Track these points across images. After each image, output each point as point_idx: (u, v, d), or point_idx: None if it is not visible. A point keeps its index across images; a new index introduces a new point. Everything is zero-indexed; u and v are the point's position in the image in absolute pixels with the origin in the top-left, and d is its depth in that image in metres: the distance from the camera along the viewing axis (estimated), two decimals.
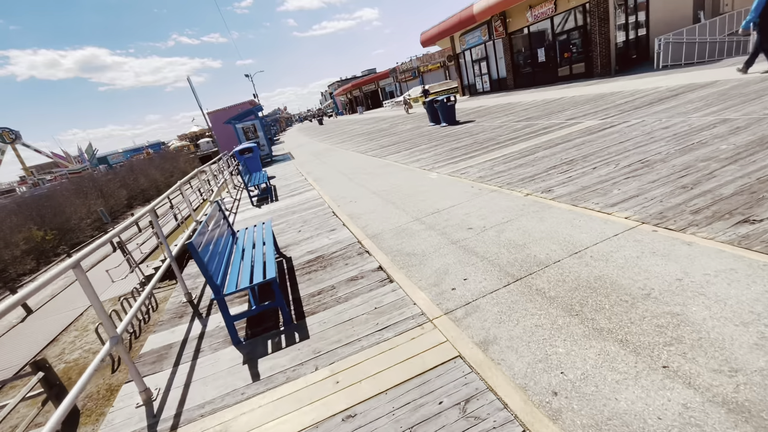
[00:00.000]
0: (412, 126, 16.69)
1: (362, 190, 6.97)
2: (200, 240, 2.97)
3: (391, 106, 43.65)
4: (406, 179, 6.95)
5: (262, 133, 17.31)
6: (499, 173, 5.77)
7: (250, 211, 7.73)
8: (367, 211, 5.60)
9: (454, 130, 11.95)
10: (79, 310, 12.64)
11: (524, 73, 21.15)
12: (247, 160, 11.74)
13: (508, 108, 13.94)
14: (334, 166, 10.82)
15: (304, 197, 7.70)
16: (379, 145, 13.15)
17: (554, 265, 2.87)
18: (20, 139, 72.39)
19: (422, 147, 10.17)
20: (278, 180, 11.06)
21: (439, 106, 13.37)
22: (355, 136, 19.33)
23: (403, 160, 9.01)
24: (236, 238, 4.57)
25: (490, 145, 8.15)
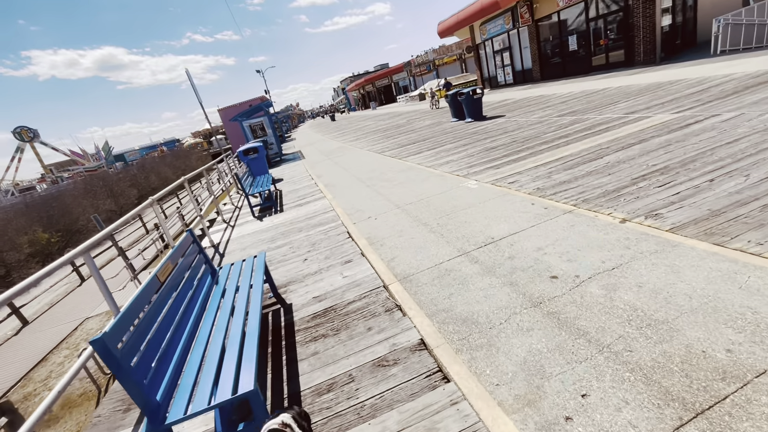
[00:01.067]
0: (431, 122, 15.32)
1: (382, 202, 5.71)
2: (123, 330, 1.75)
3: (406, 101, 42.18)
4: (436, 188, 5.66)
5: (270, 130, 16.19)
6: (563, 184, 4.43)
7: (249, 225, 6.55)
8: (391, 233, 4.34)
9: (482, 126, 10.57)
10: (76, 322, 11.78)
11: (552, 63, 19.50)
12: (252, 161, 10.61)
13: (540, 101, 12.45)
14: (348, 169, 9.58)
15: (313, 208, 6.49)
16: (397, 143, 11.85)
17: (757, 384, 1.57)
18: (38, 137, 73.40)
19: (449, 147, 8.84)
20: (286, 184, 9.88)
21: (464, 99, 11.99)
22: (370, 133, 18.06)
23: (428, 162, 7.71)
24: (217, 277, 3.37)
25: (534, 144, 6.78)
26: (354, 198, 6.44)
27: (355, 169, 9.18)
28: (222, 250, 5.54)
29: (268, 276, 3.50)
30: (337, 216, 5.64)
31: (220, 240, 6.04)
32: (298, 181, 9.83)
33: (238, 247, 5.41)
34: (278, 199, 8.02)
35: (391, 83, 55.72)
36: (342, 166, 10.20)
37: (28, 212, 22.16)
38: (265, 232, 5.80)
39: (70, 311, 12.91)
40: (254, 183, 8.67)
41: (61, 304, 13.75)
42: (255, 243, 5.41)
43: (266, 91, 49.56)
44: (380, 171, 8.11)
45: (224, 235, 6.27)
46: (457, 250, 3.45)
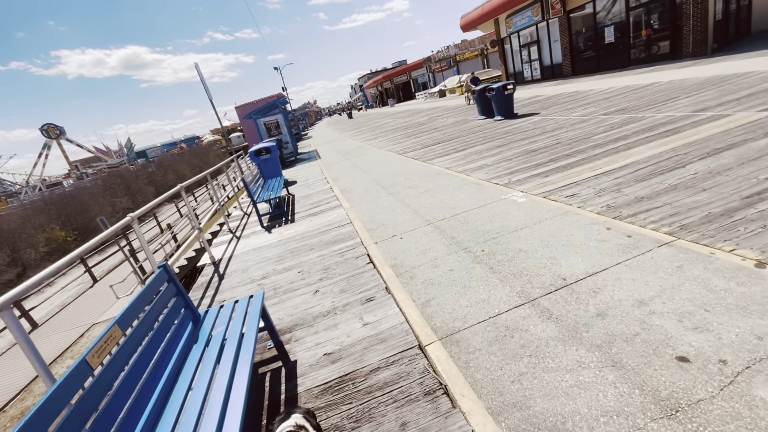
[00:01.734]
0: (456, 119, 14.35)
1: (408, 215, 4.86)
2: None
3: (425, 97, 41.11)
4: (473, 200, 4.77)
5: (286, 128, 15.52)
6: (641, 202, 3.49)
7: (256, 237, 5.81)
8: (422, 260, 3.49)
9: (515, 124, 9.57)
10: (82, 328, 11.39)
11: (585, 57, 18.19)
12: (264, 162, 9.91)
13: (577, 97, 11.34)
14: (367, 171, 8.76)
15: (328, 219, 5.69)
16: (419, 143, 10.96)
17: None
18: (64, 134, 75.40)
19: (480, 148, 7.90)
20: (299, 187, 9.14)
21: (494, 95, 10.99)
22: (389, 131, 17.20)
23: (458, 166, 6.81)
24: (200, 326, 2.60)
25: (585, 148, 5.80)
26: (374, 208, 5.61)
27: (374, 172, 8.34)
28: (222, 269, 4.80)
29: (266, 320, 2.72)
30: (355, 231, 4.82)
31: (222, 256, 5.31)
32: (312, 184, 9.07)
33: (240, 267, 4.66)
34: (290, 206, 7.27)
35: (409, 80, 54.64)
36: (360, 168, 9.38)
37: (47, 209, 22.24)
38: (273, 248, 5.03)
39: (79, 315, 12.57)
40: (265, 186, 7.96)
41: (72, 306, 13.45)
42: (259, 263, 4.65)
43: (284, 88, 49.32)
44: (403, 175, 7.25)
45: (227, 250, 5.54)
46: (518, 295, 2.57)
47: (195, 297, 4.14)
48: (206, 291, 4.23)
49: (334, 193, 7.36)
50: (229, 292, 4.02)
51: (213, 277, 4.62)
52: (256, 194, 6.65)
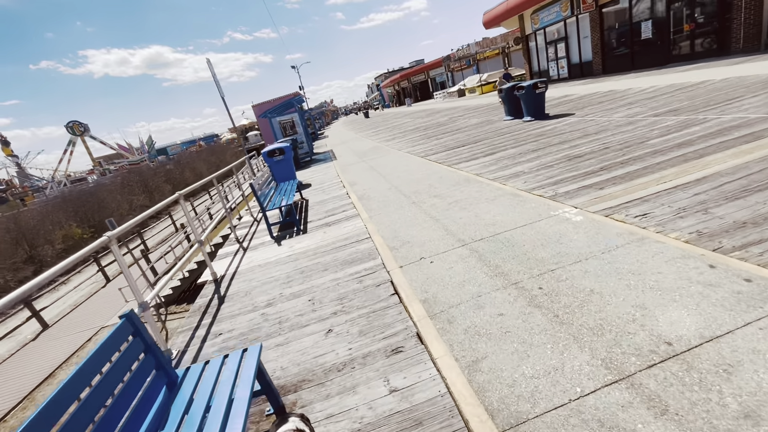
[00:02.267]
0: (479, 120, 13.54)
1: (437, 232, 4.17)
2: None
3: (443, 97, 40.21)
4: (515, 215, 4.05)
5: (301, 128, 15.01)
6: (745, 228, 2.72)
7: (264, 250, 5.22)
8: (462, 297, 2.81)
9: (548, 126, 8.75)
10: (90, 331, 11.09)
11: (618, 54, 17.10)
12: (277, 164, 9.37)
13: (614, 97, 10.42)
14: (386, 176, 8.09)
15: (344, 232, 5.06)
16: (442, 145, 10.23)
17: None
18: (88, 131, 77.26)
19: (512, 152, 7.15)
20: (313, 191, 8.55)
21: (524, 94, 10.17)
22: (408, 131, 16.50)
23: (490, 172, 6.08)
24: (178, 389, 1.98)
25: (643, 154, 5.00)
26: (396, 220, 4.94)
27: (394, 177, 7.67)
28: (224, 289, 4.21)
29: (263, 380, 2.09)
30: (375, 249, 4.17)
31: (225, 272, 4.73)
32: (327, 188, 8.46)
33: (243, 288, 4.06)
34: (303, 213, 6.67)
35: (427, 79, 53.75)
36: (379, 172, 8.72)
37: (65, 206, 22.38)
38: (281, 266, 4.43)
39: (89, 316, 12.33)
40: (278, 190, 7.40)
41: (85, 306, 13.24)
42: (265, 284, 4.04)
43: (301, 87, 49.13)
44: (427, 182, 6.56)
45: (231, 264, 4.96)
46: (604, 365, 1.87)
47: (189, 326, 3.56)
48: (202, 318, 3.64)
49: (350, 200, 6.72)
50: (228, 322, 3.42)
51: (212, 299, 4.04)
52: (266, 199, 6.06)
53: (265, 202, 5.84)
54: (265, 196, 6.13)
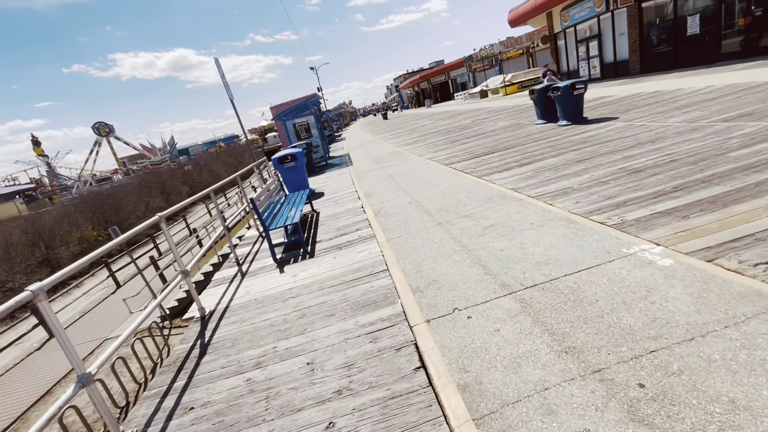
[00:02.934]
0: (507, 123, 12.54)
1: (472, 268, 3.32)
2: None
3: (464, 98, 39.11)
4: (574, 252, 3.16)
5: (317, 131, 14.34)
6: None
7: (263, 278, 4.47)
8: (521, 387, 1.95)
9: (590, 132, 7.75)
10: (93, 343, 10.68)
11: (658, 52, 15.78)
12: (287, 171, 8.67)
13: (662, 98, 9.30)
14: (406, 187, 7.26)
15: (357, 259, 4.26)
16: (468, 151, 9.33)
17: None
18: (113, 132, 79.38)
19: (552, 162, 6.21)
20: (326, 202, 7.80)
21: (559, 95, 9.17)
22: (429, 135, 15.62)
23: (528, 187, 5.18)
24: None
25: (729, 170, 4.00)
26: (419, 247, 4.11)
27: (415, 189, 6.83)
28: (209, 333, 3.47)
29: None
30: (393, 288, 3.35)
31: (215, 306, 4.00)
32: (341, 199, 7.69)
33: (232, 334, 3.31)
34: (311, 230, 5.91)
35: (447, 80, 52.66)
36: (397, 182, 7.90)
37: (83, 207, 22.44)
38: (279, 305, 3.66)
39: (95, 324, 11.95)
40: (286, 201, 6.68)
41: (92, 314, 12.91)
42: (258, 328, 3.28)
43: (319, 88, 48.84)
44: (454, 196, 5.69)
45: (224, 296, 4.23)
46: None
47: (159, 387, 2.82)
48: (176, 377, 2.90)
49: (365, 216, 5.93)
50: (205, 388, 2.67)
51: (194, 345, 3.30)
52: (271, 216, 5.33)
53: (269, 219, 5.10)
54: (270, 212, 5.40)
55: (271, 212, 5.47)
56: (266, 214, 5.17)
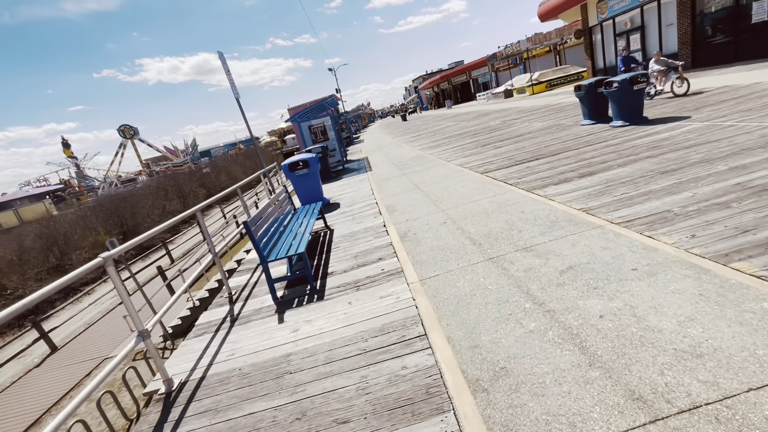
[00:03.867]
0: (545, 123, 11.18)
1: (565, 353, 2.14)
2: None
3: (487, 98, 37.57)
4: (727, 330, 1.94)
5: (333, 133, 13.32)
6: None
7: (257, 328, 3.40)
8: None
9: (660, 134, 6.40)
10: (93, 362, 9.93)
11: (715, 43, 14.08)
12: (299, 179, 7.65)
13: (737, 95, 7.82)
14: (437, 200, 6.10)
15: (380, 310, 3.13)
16: (505, 156, 8.08)
17: None
18: (138, 134, 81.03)
19: (624, 172, 4.92)
20: (341, 216, 6.71)
21: (616, 91, 7.81)
22: (454, 137, 14.38)
23: (603, 206, 3.93)
24: None
25: None
26: (471, 299, 2.94)
27: (450, 204, 5.65)
28: (168, 429, 2.40)
29: None
30: (439, 377, 2.19)
31: (188, 377, 2.93)
32: (359, 213, 6.59)
33: None
34: (323, 255, 4.82)
35: (469, 80, 51.09)
36: (426, 193, 6.74)
37: (99, 211, 22.16)
38: (271, 385, 2.56)
39: (96, 341, 11.25)
40: (294, 216, 5.64)
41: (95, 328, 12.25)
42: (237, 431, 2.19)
43: (337, 89, 48.15)
44: (503, 217, 4.49)
45: (203, 356, 3.17)
46: None
47: None
48: None
49: (389, 239, 4.79)
50: None
51: None
52: (272, 240, 4.26)
53: (269, 247, 4.02)
54: (272, 235, 4.32)
55: (273, 234, 4.40)
56: (266, 238, 4.10)
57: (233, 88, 7.54)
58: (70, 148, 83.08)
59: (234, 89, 7.55)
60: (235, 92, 7.65)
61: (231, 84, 7.60)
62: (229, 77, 7.50)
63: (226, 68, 7.38)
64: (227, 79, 7.57)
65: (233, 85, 7.57)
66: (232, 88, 7.51)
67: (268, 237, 4.19)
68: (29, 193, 73.77)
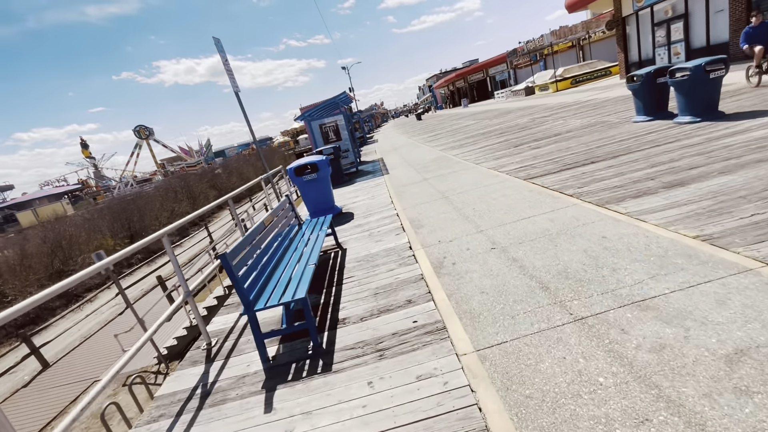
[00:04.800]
0: (587, 121, 9.84)
1: None
2: None
3: (506, 96, 36.06)
4: None
5: (347, 133, 12.23)
6: None
7: (233, 419, 2.30)
8: None
9: (753, 132, 5.09)
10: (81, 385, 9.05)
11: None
12: (306, 185, 6.59)
13: None
14: (477, 217, 4.91)
15: (425, 404, 1.99)
16: (550, 159, 6.84)
17: None
18: (153, 135, 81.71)
19: (733, 182, 3.66)
20: (355, 230, 5.58)
21: (686, 80, 6.48)
22: (478, 136, 13.14)
23: (728, 234, 2.71)
24: None
25: None
26: (561, 381, 1.79)
27: (493, 222, 4.47)
28: None
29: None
30: None
31: None
32: (377, 228, 5.45)
33: None
34: (332, 287, 3.71)
35: (486, 77, 49.52)
36: (456, 205, 5.55)
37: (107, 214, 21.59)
38: None
39: (89, 360, 10.41)
40: (299, 235, 4.57)
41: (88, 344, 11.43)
42: None
43: (351, 88, 47.23)
44: (578, 245, 3.29)
45: None
46: None
47: None
48: None
49: (419, 269, 3.65)
50: None
51: None
52: (263, 275, 3.15)
53: (255, 290, 2.89)
54: (264, 266, 3.21)
55: (267, 265, 3.29)
56: (255, 273, 2.99)
57: (232, 81, 6.51)
58: (88, 149, 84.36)
59: (233, 82, 6.51)
60: (234, 85, 6.61)
61: (230, 76, 6.57)
62: (227, 67, 6.47)
63: (224, 57, 6.34)
64: (225, 71, 6.54)
65: (232, 78, 6.54)
66: (231, 81, 6.48)
67: (258, 271, 3.08)
68: (48, 193, 74.96)
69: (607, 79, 25.17)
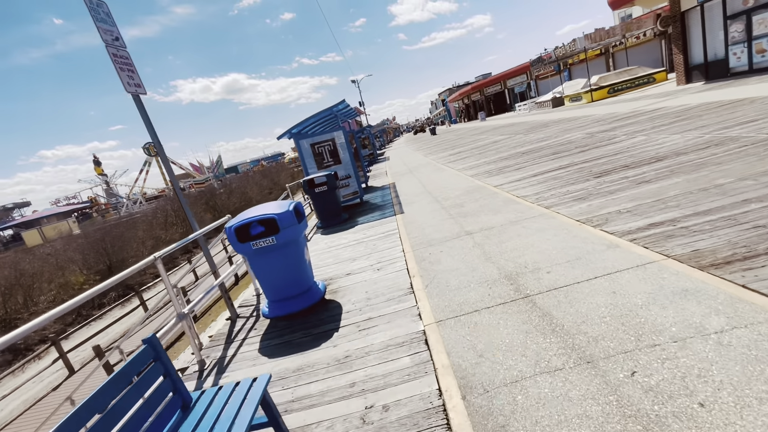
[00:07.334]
0: (693, 136, 6.73)
1: None
2: None
3: (529, 108, 33.12)
4: None
5: (348, 154, 9.33)
6: None
7: None
8: None
9: None
10: None
11: None
12: (260, 258, 3.64)
13: None
14: (601, 357, 1.85)
15: None
16: (725, 217, 3.77)
17: None
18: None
19: None
20: (334, 371, 2.57)
21: None
22: (518, 156, 10.11)
23: None
24: None
25: None
26: None
27: None
28: None
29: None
30: None
31: None
32: (376, 347, 2.43)
33: None
34: None
35: (504, 89, 46.74)
36: (554, 321, 2.51)
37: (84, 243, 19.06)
38: None
39: None
40: (187, 416, 1.51)
41: None
42: None
43: (361, 102, 44.93)
44: None
45: None
46: None
47: None
48: None
49: None
50: None
51: None
52: None
53: None
54: None
55: None
56: None
57: (125, 76, 3.67)
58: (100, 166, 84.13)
59: (127, 78, 3.67)
60: (126, 83, 3.77)
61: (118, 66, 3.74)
62: (113, 43, 3.64)
63: (106, 27, 3.54)
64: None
65: (129, 69, 3.71)
66: (121, 76, 3.64)
67: None
68: (57, 210, 74.19)
69: (651, 86, 21.98)
